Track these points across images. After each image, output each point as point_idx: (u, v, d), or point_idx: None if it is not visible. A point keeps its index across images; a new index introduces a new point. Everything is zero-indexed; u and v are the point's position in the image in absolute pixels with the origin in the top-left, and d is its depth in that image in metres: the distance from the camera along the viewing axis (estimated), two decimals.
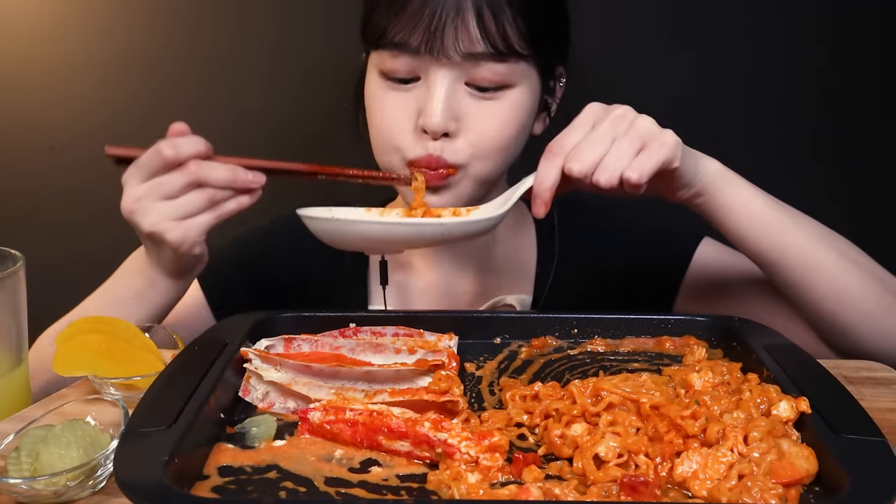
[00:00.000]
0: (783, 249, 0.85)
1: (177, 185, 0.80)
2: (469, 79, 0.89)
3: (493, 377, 0.75)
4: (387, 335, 0.79)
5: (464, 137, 0.90)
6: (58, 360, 0.76)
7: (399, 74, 0.90)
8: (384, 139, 0.93)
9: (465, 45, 0.86)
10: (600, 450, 0.58)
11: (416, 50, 0.87)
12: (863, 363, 0.84)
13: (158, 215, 0.81)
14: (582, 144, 0.76)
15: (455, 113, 0.89)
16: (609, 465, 0.57)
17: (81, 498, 0.60)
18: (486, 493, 0.55)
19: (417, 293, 1.09)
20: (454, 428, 0.60)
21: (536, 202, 0.77)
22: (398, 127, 0.91)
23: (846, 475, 0.52)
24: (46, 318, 0.93)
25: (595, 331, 0.82)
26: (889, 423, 0.68)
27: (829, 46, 1.35)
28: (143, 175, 0.81)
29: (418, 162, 0.90)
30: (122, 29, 1.39)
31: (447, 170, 0.90)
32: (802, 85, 1.37)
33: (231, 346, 0.72)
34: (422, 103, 0.89)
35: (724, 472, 0.55)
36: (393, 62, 0.89)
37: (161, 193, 0.81)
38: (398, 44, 0.87)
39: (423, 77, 0.89)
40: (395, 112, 0.91)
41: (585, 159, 0.75)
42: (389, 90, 0.91)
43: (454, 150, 0.90)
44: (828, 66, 1.36)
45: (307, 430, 0.64)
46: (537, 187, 0.77)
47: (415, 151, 0.90)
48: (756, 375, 0.68)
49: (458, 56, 0.86)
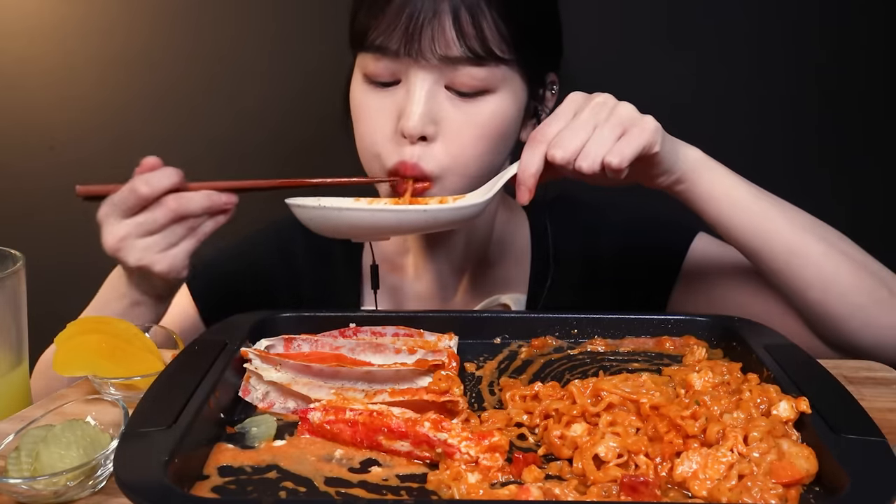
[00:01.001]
0: (767, 236, 0.85)
1: (159, 223, 0.83)
2: (448, 82, 0.88)
3: (493, 377, 0.75)
4: (387, 335, 0.79)
5: (441, 143, 0.89)
6: (58, 360, 0.76)
7: (381, 78, 0.89)
8: (366, 146, 0.93)
9: (441, 48, 0.85)
10: (600, 450, 0.58)
11: (396, 52, 0.86)
12: (863, 363, 0.84)
13: (143, 251, 0.84)
14: (564, 132, 0.78)
15: (434, 116, 0.88)
16: (609, 466, 0.57)
17: (81, 498, 0.60)
18: (486, 493, 0.55)
19: (411, 295, 1.08)
20: (454, 428, 0.60)
21: (521, 189, 0.80)
22: (379, 132, 0.90)
23: (846, 475, 0.52)
24: (46, 318, 0.93)
25: (595, 331, 0.82)
26: (889, 423, 0.68)
27: (828, 47, 1.36)
28: (121, 213, 0.83)
29: (395, 168, 0.89)
30: (122, 29, 1.39)
31: (422, 184, 0.89)
32: (801, 86, 1.37)
33: (231, 346, 0.72)
34: (401, 106, 0.89)
35: (723, 473, 0.55)
36: (375, 65, 0.89)
37: (144, 231, 0.84)
38: (379, 46, 0.87)
39: (404, 80, 0.89)
40: (376, 115, 0.91)
41: (568, 146, 0.77)
42: (372, 93, 0.91)
43: (431, 156, 0.88)
44: (827, 66, 1.36)
45: (307, 430, 0.64)
46: (521, 174, 0.79)
47: (392, 159, 0.89)
48: (756, 375, 0.68)
49: (435, 59, 0.86)
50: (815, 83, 1.36)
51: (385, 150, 0.90)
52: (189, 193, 0.84)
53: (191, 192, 0.84)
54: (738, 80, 1.37)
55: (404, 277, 1.09)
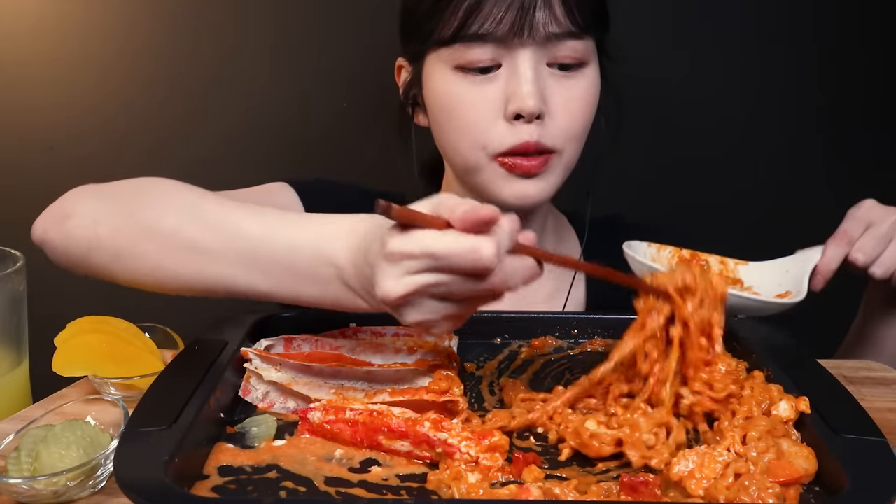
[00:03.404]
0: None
1: (478, 303, 0.62)
2: (551, 59, 0.89)
3: (493, 377, 0.75)
4: (387, 335, 0.79)
5: (552, 119, 0.90)
6: (58, 360, 0.76)
7: (482, 64, 0.88)
8: (469, 137, 0.91)
9: (552, 26, 0.87)
10: (589, 424, 0.61)
11: (503, 37, 0.86)
12: (863, 363, 0.84)
13: (431, 312, 0.61)
14: (868, 240, 0.89)
15: (543, 94, 0.89)
16: (599, 434, 0.60)
17: (81, 498, 0.60)
18: (486, 493, 0.55)
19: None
20: (454, 428, 0.60)
21: (817, 279, 0.89)
22: (485, 120, 0.89)
23: (846, 475, 0.52)
24: (46, 318, 0.93)
25: (595, 331, 0.82)
26: (889, 423, 0.68)
27: (828, 46, 1.36)
28: (439, 266, 0.58)
29: (515, 149, 0.89)
30: (122, 29, 1.39)
31: (548, 154, 0.90)
32: (802, 86, 1.37)
33: (231, 346, 0.72)
34: (508, 90, 0.88)
35: (720, 472, 0.55)
36: (473, 53, 0.88)
37: (444, 293, 0.60)
38: (482, 34, 0.86)
39: (506, 63, 0.88)
40: (479, 105, 0.89)
41: (871, 253, 0.89)
42: (468, 84, 0.89)
43: (549, 134, 0.89)
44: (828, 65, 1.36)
45: (307, 430, 0.64)
46: (823, 267, 0.89)
47: (508, 141, 0.89)
48: (762, 373, 0.68)
49: (544, 36, 0.87)
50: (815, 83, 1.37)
51: (496, 136, 0.89)
52: (516, 270, 0.60)
53: (515, 263, 0.60)
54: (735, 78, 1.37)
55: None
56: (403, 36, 0.97)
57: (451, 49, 0.89)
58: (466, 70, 0.89)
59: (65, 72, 1.41)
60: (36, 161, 1.43)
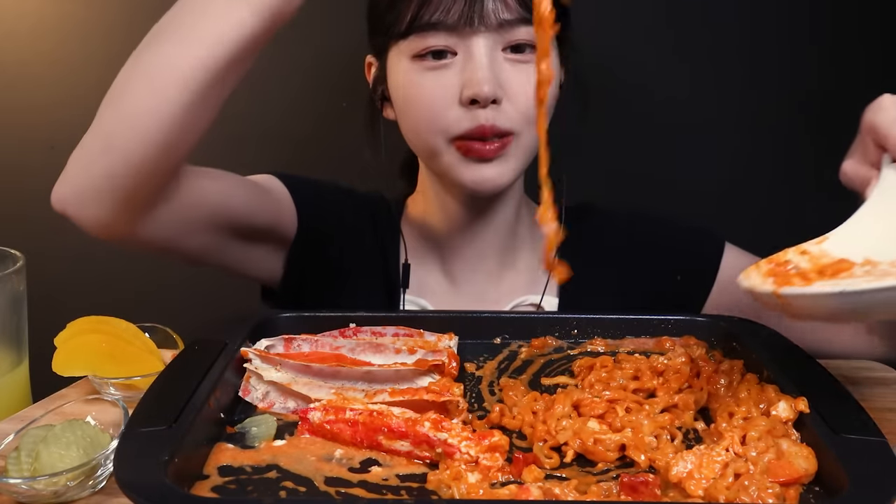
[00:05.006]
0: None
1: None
2: (506, 44, 0.90)
3: (493, 377, 0.75)
4: (387, 335, 0.79)
5: (508, 103, 0.90)
6: (58, 360, 0.76)
7: (437, 47, 0.90)
8: (427, 122, 0.92)
9: (503, 13, 0.88)
10: (591, 425, 0.61)
11: (454, 25, 0.88)
12: (863, 363, 0.84)
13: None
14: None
15: (498, 80, 0.89)
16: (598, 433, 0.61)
17: (81, 498, 0.60)
18: (486, 493, 0.55)
19: (438, 296, 1.07)
20: (454, 428, 0.60)
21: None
22: (442, 105, 0.91)
23: (846, 475, 0.52)
24: (46, 318, 0.93)
25: (595, 331, 0.82)
26: (889, 423, 0.68)
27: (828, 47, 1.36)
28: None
29: (471, 133, 0.90)
30: (122, 29, 1.39)
31: (504, 138, 0.90)
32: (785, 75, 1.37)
33: (231, 346, 0.72)
34: (464, 76, 0.89)
35: (719, 472, 0.55)
36: (427, 42, 0.90)
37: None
38: (435, 23, 0.88)
39: (461, 51, 0.90)
40: (436, 92, 0.91)
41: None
42: (424, 71, 0.91)
43: (505, 116, 0.90)
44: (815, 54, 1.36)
45: (307, 430, 0.64)
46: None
47: (464, 125, 0.90)
48: (755, 375, 0.68)
49: (496, 23, 0.88)
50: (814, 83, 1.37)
51: (452, 120, 0.90)
52: None
53: None
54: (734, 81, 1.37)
55: (431, 277, 1.08)
56: (369, 32, 0.99)
57: (409, 40, 0.91)
58: (423, 58, 0.91)
59: (66, 72, 1.41)
60: (37, 161, 1.42)
